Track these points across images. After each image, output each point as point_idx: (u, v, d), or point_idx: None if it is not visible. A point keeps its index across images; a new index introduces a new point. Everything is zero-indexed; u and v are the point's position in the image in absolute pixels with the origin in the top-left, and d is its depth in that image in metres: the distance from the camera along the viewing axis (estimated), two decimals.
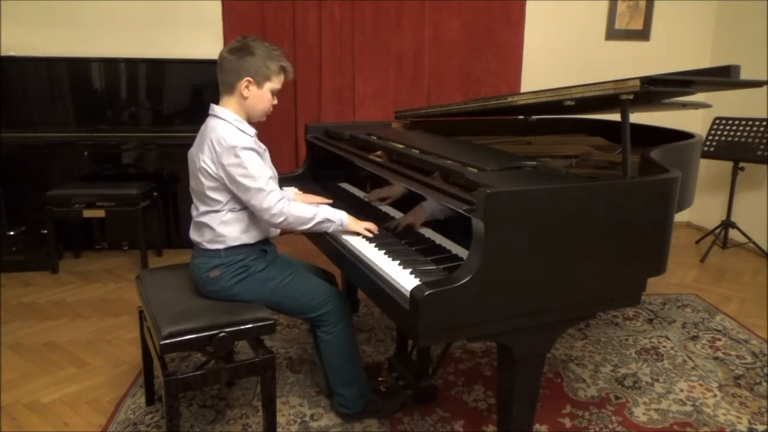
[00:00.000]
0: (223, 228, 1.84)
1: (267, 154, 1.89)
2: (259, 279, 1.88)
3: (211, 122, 1.84)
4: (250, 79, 1.82)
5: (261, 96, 1.86)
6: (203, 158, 1.79)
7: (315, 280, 1.97)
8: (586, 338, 2.77)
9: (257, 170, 1.77)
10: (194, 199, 1.89)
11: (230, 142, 1.75)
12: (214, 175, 1.78)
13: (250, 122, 1.91)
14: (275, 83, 1.87)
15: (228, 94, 1.86)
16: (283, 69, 1.88)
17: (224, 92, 1.87)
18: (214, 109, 1.87)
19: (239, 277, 1.86)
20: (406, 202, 2.01)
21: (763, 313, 3.11)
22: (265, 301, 1.90)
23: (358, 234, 1.92)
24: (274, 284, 1.89)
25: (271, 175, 1.82)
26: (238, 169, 1.75)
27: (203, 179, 1.80)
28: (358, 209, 2.23)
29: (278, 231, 2.00)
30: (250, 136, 1.84)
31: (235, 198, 1.82)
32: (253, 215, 1.86)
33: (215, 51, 3.96)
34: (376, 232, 1.94)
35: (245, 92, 1.83)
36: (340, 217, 1.91)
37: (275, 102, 1.92)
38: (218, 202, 1.82)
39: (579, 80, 1.93)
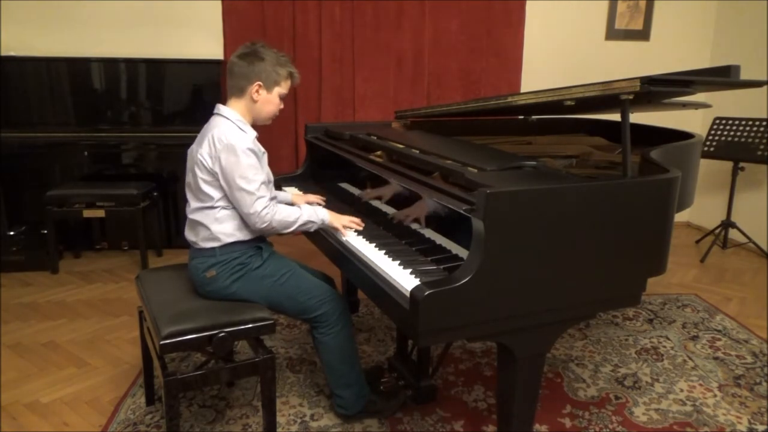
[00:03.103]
0: (217, 226, 1.85)
1: (265, 158, 1.91)
2: (257, 276, 1.89)
3: (214, 120, 1.89)
4: (261, 83, 1.88)
5: (270, 100, 1.92)
6: (201, 152, 1.82)
7: (313, 280, 1.97)
8: (586, 338, 2.77)
9: (252, 173, 1.80)
10: (188, 196, 1.92)
11: (231, 141, 1.79)
12: (209, 169, 1.81)
13: (256, 125, 1.96)
14: (284, 88, 1.94)
15: (236, 97, 1.91)
16: (291, 75, 1.95)
17: (233, 95, 1.91)
18: (220, 108, 1.91)
19: (236, 275, 1.87)
20: (403, 200, 2.01)
21: (763, 313, 3.11)
22: (264, 299, 1.90)
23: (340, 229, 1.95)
24: (271, 281, 1.89)
25: (264, 180, 1.84)
26: (233, 167, 1.78)
27: (198, 172, 1.83)
28: (357, 208, 2.23)
29: None
30: (251, 137, 1.87)
31: (227, 195, 1.84)
32: None
33: (215, 51, 4.08)
34: (360, 226, 1.97)
35: (255, 96, 1.89)
36: (321, 216, 1.95)
37: (282, 106, 1.99)
38: (211, 197, 1.84)
39: (579, 80, 1.93)
